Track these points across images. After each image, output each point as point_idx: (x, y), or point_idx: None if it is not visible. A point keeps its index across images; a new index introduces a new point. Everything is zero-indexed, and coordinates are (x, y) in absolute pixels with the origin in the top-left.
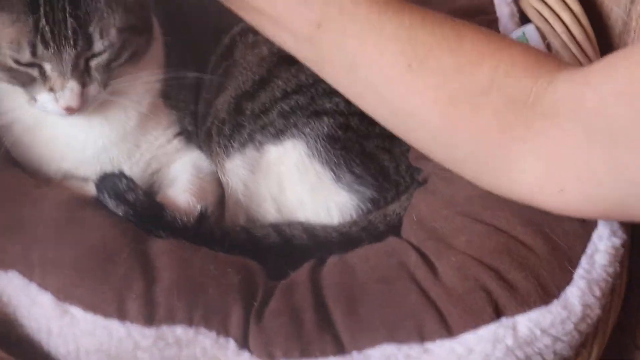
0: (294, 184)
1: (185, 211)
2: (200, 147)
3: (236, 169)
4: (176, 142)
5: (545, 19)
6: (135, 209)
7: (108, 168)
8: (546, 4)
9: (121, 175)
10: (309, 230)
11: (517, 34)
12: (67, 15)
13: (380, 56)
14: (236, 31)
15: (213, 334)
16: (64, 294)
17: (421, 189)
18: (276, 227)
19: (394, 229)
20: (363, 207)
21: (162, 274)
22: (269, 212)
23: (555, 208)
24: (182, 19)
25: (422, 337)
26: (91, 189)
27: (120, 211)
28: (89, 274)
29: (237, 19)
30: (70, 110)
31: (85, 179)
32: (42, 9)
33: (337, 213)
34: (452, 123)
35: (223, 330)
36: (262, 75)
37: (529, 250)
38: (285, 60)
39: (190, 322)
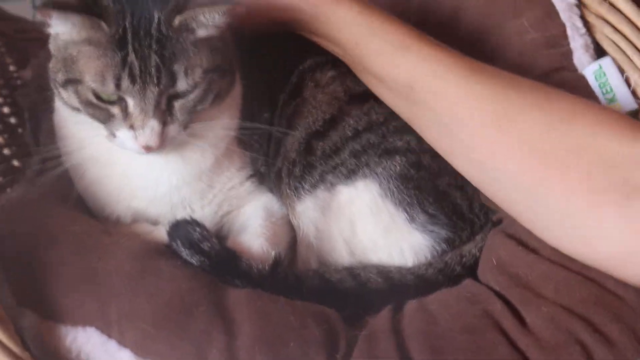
0: (366, 225)
1: (260, 258)
2: (271, 189)
3: (308, 211)
4: (248, 184)
5: (623, 51)
6: (211, 258)
7: (179, 208)
8: (623, 34)
9: (194, 222)
10: (384, 273)
11: (593, 67)
12: (153, 52)
13: (470, 116)
14: (304, 68)
15: None
16: (142, 350)
17: (497, 230)
18: (350, 271)
19: (470, 270)
20: (438, 248)
21: (242, 327)
22: (341, 255)
23: (637, 281)
24: (255, 59)
25: None
26: (161, 235)
27: (195, 261)
28: (168, 328)
29: (305, 56)
30: (148, 149)
31: (154, 222)
32: (130, 46)
33: (411, 254)
34: (541, 182)
35: None
36: (333, 114)
37: (621, 301)
38: (356, 99)
39: None
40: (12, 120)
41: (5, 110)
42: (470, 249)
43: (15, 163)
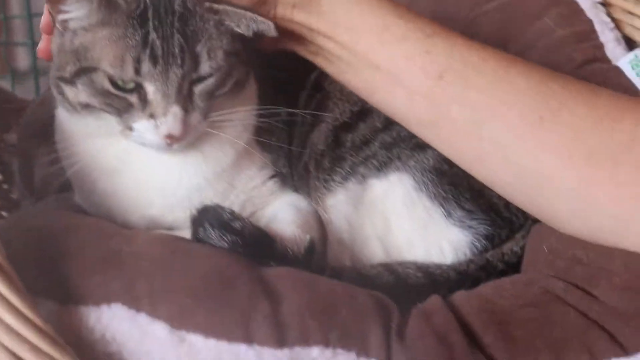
0: (401, 221)
1: (294, 242)
2: (296, 190)
3: (339, 204)
4: (271, 184)
5: None
6: (244, 237)
7: None
8: None
9: (221, 206)
10: (424, 268)
11: (628, 57)
12: (175, 31)
13: (508, 109)
14: None
15: (352, 355)
16: (179, 322)
17: (539, 225)
18: (388, 267)
19: (513, 268)
20: (478, 245)
21: (288, 295)
22: (375, 254)
23: None
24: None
25: (593, 356)
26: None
27: (225, 242)
28: (207, 298)
29: None
30: (171, 139)
31: (170, 229)
32: (150, 23)
33: (450, 252)
34: (590, 181)
35: (364, 351)
36: (362, 106)
37: None
38: None
39: (326, 343)
40: None
41: None
42: (511, 246)
43: (3, 213)
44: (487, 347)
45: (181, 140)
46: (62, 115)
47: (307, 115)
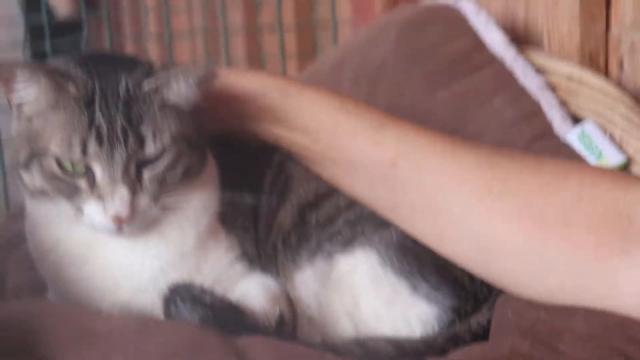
0: (368, 296)
1: (265, 315)
2: (263, 270)
3: (307, 281)
4: (239, 266)
5: (601, 114)
6: (214, 309)
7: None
8: (597, 100)
9: (192, 283)
10: (394, 342)
11: (575, 132)
12: (119, 114)
13: (459, 185)
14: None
15: None
16: None
17: (504, 295)
18: (358, 341)
19: (480, 339)
20: (444, 317)
21: (259, 358)
22: (345, 329)
23: None
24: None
25: None
26: None
27: (196, 316)
28: None
29: None
30: (118, 221)
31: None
32: (97, 106)
33: (418, 325)
34: (542, 242)
35: None
36: (326, 186)
37: None
38: None
39: None
40: None
41: None
42: (477, 319)
43: None
44: None
45: (130, 222)
46: (29, 204)
47: (272, 196)
